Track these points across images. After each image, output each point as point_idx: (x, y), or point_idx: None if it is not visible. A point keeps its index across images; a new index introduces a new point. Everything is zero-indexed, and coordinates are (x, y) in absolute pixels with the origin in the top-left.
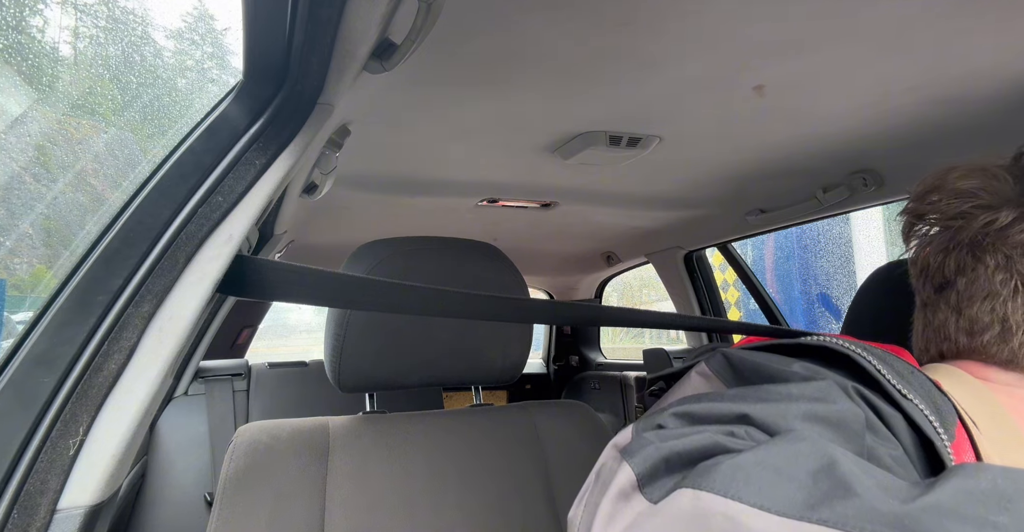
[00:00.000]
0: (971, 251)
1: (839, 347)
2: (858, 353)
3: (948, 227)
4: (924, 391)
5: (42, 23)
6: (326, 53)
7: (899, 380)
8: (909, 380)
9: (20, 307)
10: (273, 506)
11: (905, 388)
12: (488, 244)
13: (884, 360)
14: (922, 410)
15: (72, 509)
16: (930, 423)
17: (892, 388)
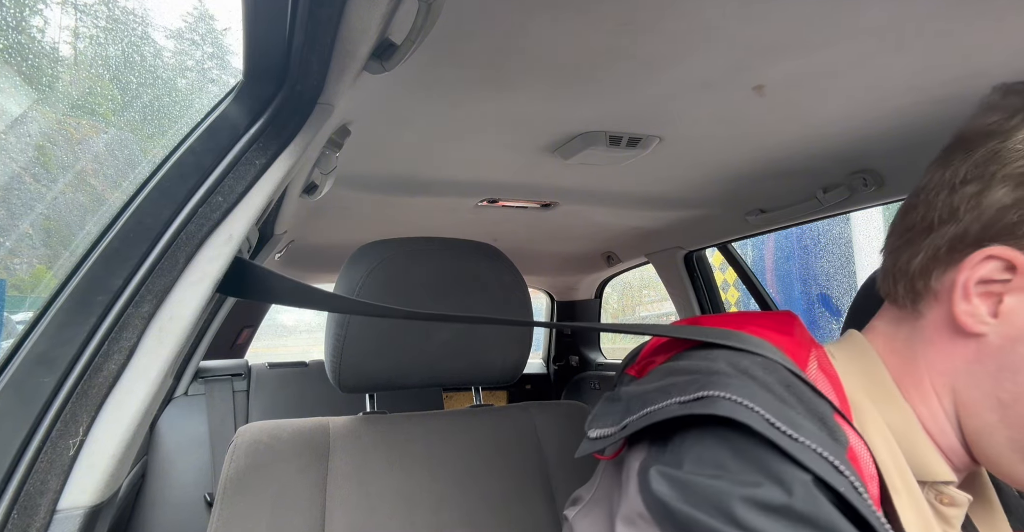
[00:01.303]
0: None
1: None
2: (743, 410)
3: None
4: (808, 409)
5: (42, 23)
6: (326, 53)
7: (787, 423)
8: (795, 406)
9: (20, 307)
10: (273, 506)
11: (795, 431)
12: (488, 244)
13: (769, 388)
14: (821, 454)
15: (72, 509)
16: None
17: (785, 444)
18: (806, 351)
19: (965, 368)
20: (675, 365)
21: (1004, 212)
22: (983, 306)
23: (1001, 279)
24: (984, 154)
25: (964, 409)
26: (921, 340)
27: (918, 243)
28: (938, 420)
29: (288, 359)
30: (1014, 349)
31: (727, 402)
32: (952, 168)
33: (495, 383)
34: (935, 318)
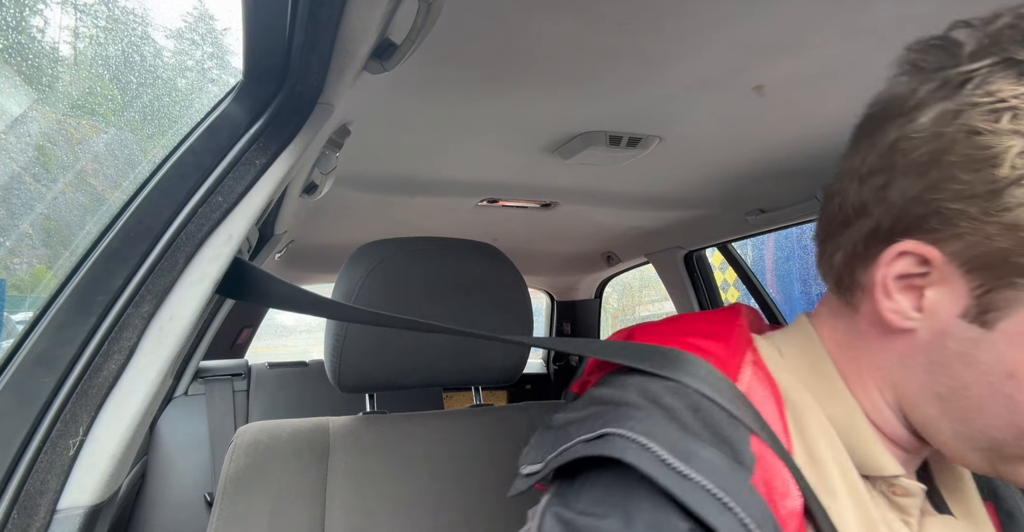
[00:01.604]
0: None
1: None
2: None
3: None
4: (715, 433)
5: (42, 23)
6: (326, 53)
7: (684, 457)
8: (700, 433)
9: (20, 307)
10: (273, 506)
11: (689, 465)
12: (488, 244)
13: (675, 416)
14: (710, 491)
15: (72, 509)
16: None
17: (674, 486)
18: (739, 357)
19: (900, 363)
20: (597, 393)
21: (911, 205)
22: (906, 301)
23: (919, 273)
24: (886, 141)
25: (906, 403)
26: (857, 333)
27: (838, 237)
28: (883, 413)
29: (288, 359)
30: (943, 343)
31: (622, 441)
32: (860, 155)
33: (495, 383)
34: (867, 313)
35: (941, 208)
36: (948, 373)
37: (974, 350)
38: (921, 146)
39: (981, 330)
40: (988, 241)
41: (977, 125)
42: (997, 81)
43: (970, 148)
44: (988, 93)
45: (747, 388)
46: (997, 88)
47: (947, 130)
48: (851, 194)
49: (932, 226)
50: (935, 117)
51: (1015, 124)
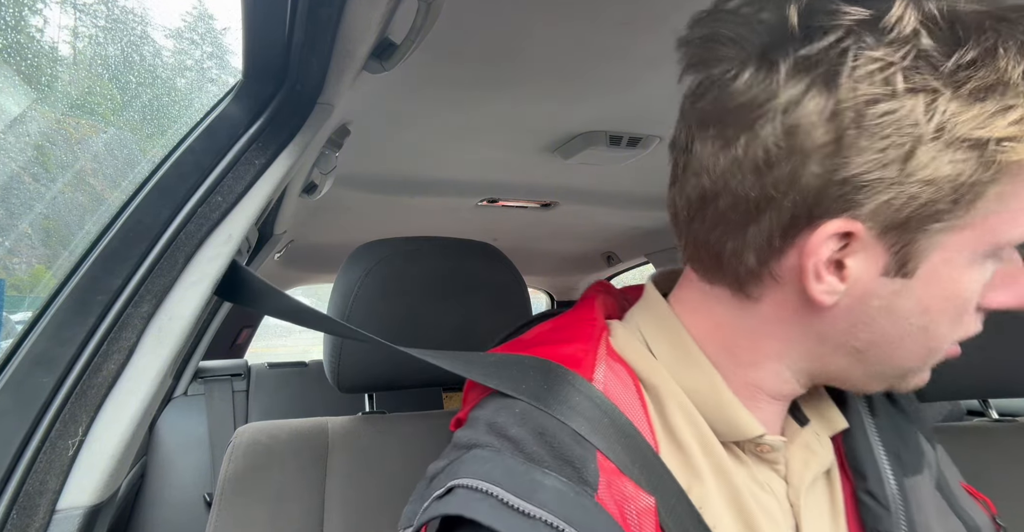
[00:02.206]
0: (679, 119)
1: (452, 511)
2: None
3: (691, 79)
4: (559, 456)
5: (41, 23)
6: (326, 53)
7: (526, 492)
8: (543, 460)
9: (19, 307)
10: (272, 507)
11: (531, 501)
12: (488, 244)
13: (520, 447)
14: (552, 525)
15: (71, 510)
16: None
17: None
18: (592, 356)
19: (816, 335)
20: (456, 437)
21: (829, 186)
22: (833, 278)
23: (840, 247)
24: (777, 129)
25: (816, 361)
26: (759, 319)
27: (740, 236)
28: (781, 378)
29: (288, 359)
30: (866, 303)
31: (466, 492)
32: (740, 147)
33: None
34: (779, 299)
35: (860, 181)
36: (869, 328)
37: (896, 300)
38: (822, 126)
39: (903, 281)
40: (910, 200)
41: (874, 93)
42: (869, 47)
43: (875, 118)
44: (871, 59)
45: (604, 386)
46: (874, 53)
47: (846, 105)
48: (747, 189)
49: (853, 200)
50: (827, 96)
51: (908, 83)
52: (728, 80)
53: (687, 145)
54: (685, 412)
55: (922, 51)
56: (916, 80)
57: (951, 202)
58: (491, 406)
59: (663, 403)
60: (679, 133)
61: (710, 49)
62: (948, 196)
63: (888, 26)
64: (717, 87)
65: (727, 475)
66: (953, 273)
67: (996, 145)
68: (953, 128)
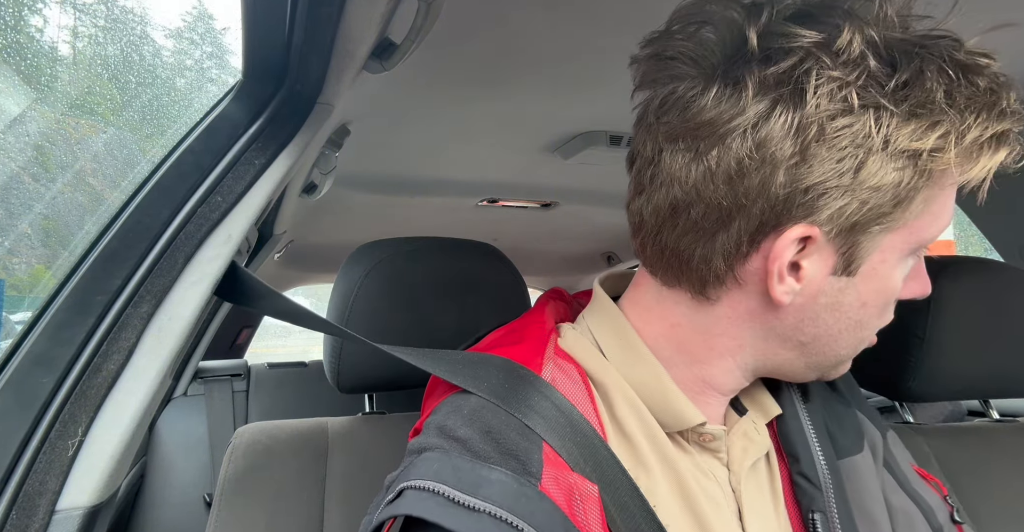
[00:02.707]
0: (644, 132)
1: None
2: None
3: (652, 94)
4: (504, 450)
5: (41, 23)
6: (326, 53)
7: (471, 487)
8: (489, 455)
9: (19, 307)
10: (272, 507)
11: (476, 495)
12: (488, 244)
13: (467, 446)
14: (497, 516)
15: (71, 510)
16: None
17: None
18: (539, 356)
19: (767, 329)
20: (412, 445)
21: (795, 194)
22: (791, 279)
23: (798, 250)
24: (745, 143)
25: (763, 356)
26: (715, 319)
27: (710, 242)
28: (730, 375)
29: (287, 359)
30: (816, 299)
31: (412, 493)
32: (712, 159)
33: None
34: (737, 299)
35: (821, 189)
36: (815, 323)
37: (840, 297)
38: (789, 139)
39: (847, 279)
40: (860, 206)
41: (834, 109)
42: (828, 67)
43: (835, 131)
44: (831, 78)
45: (554, 384)
46: (833, 73)
47: (811, 120)
48: (720, 198)
49: (814, 207)
50: (794, 111)
51: (861, 100)
52: (694, 96)
53: (653, 157)
54: (632, 405)
55: (871, 72)
56: (867, 98)
57: (892, 206)
58: (442, 411)
59: (610, 397)
60: (643, 146)
61: (669, 67)
62: (890, 201)
63: (840, 48)
64: (682, 103)
65: (672, 463)
66: (887, 270)
67: (928, 155)
68: (896, 140)
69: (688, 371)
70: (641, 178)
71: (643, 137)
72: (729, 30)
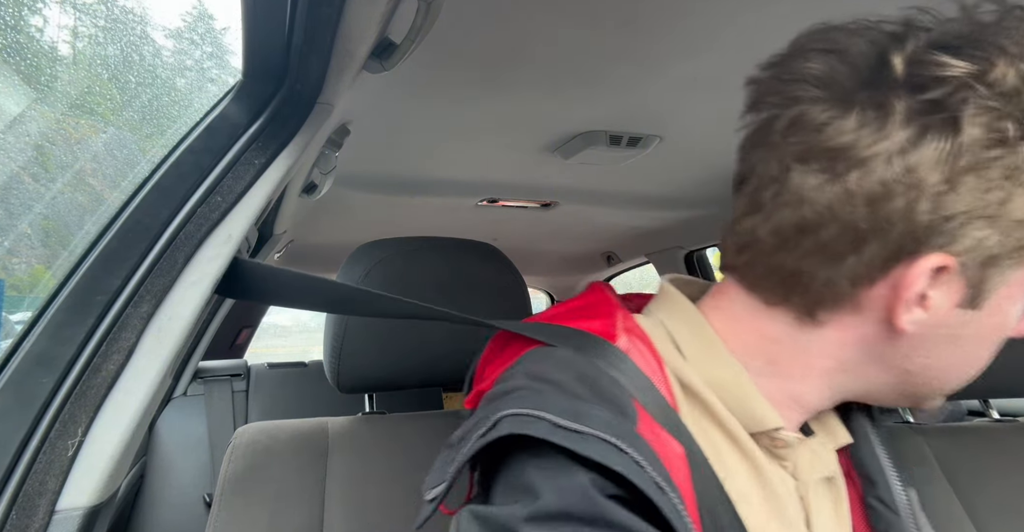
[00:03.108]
0: (767, 152)
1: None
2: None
3: (774, 115)
4: (599, 396)
5: (41, 22)
6: (325, 52)
7: (573, 416)
8: (586, 397)
9: (19, 307)
10: (272, 507)
11: (579, 422)
12: (488, 244)
13: (562, 388)
14: (604, 438)
15: (71, 510)
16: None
17: (569, 442)
18: (612, 328)
19: (875, 355)
20: (489, 394)
21: (939, 222)
22: (919, 309)
23: (930, 280)
24: (892, 167)
25: (861, 380)
26: (820, 340)
27: (837, 265)
28: (818, 395)
29: (287, 359)
30: (935, 331)
31: (511, 418)
32: (852, 182)
33: None
34: (849, 324)
35: (964, 219)
36: (928, 353)
37: (961, 330)
38: (940, 166)
39: (972, 312)
40: (1001, 239)
41: (989, 139)
42: (985, 97)
43: (987, 162)
44: (988, 109)
45: (627, 350)
46: (990, 103)
47: (964, 149)
48: (858, 220)
49: (953, 236)
50: (947, 139)
51: (1016, 131)
52: (830, 119)
53: (778, 176)
54: (706, 390)
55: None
56: (1022, 130)
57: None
58: (527, 361)
59: (687, 384)
60: (763, 165)
61: (794, 89)
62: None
63: (995, 81)
64: (815, 124)
65: (749, 453)
66: (1009, 305)
67: None
68: None
69: (774, 384)
70: (759, 197)
71: (764, 156)
72: (865, 56)
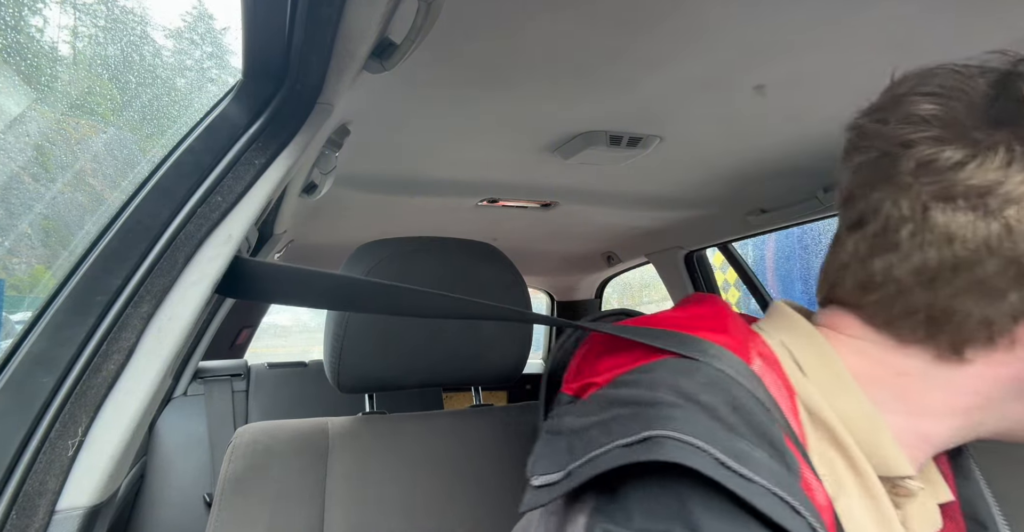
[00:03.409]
0: (895, 193)
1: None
2: (691, 452)
3: (887, 154)
4: (758, 433)
5: (41, 23)
6: (326, 53)
7: (739, 458)
8: (744, 434)
9: (19, 307)
10: (272, 507)
11: (747, 467)
12: (488, 244)
13: (716, 415)
14: (778, 494)
15: (71, 510)
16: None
17: (739, 488)
18: (746, 347)
19: (1020, 389)
20: (616, 394)
21: None
22: None
23: None
24: None
25: (1004, 416)
26: (963, 376)
27: (998, 301)
28: (954, 431)
29: (287, 359)
30: None
31: (673, 443)
32: (1012, 217)
33: (495, 383)
34: (1001, 361)
35: None
36: None
37: None
38: None
39: None
40: None
41: None
42: None
43: None
44: None
45: (760, 375)
46: None
47: None
48: (1019, 254)
49: None
50: None
51: None
52: (966, 157)
53: (914, 216)
54: (836, 424)
55: None
56: None
57: None
58: (662, 370)
59: (815, 413)
60: (892, 206)
61: (909, 130)
62: None
63: None
64: (951, 164)
65: (875, 495)
66: None
67: None
68: None
69: (905, 421)
70: (892, 237)
71: (890, 196)
72: (985, 95)
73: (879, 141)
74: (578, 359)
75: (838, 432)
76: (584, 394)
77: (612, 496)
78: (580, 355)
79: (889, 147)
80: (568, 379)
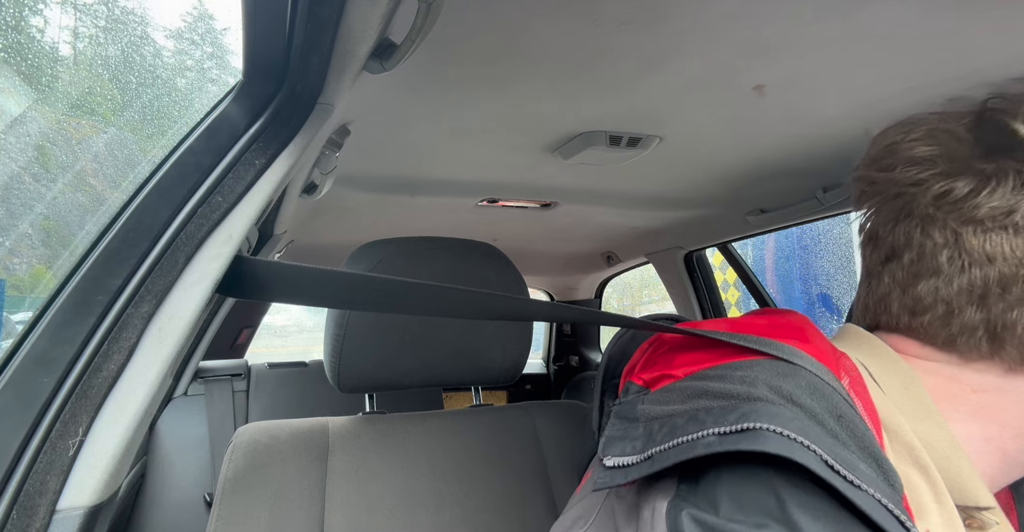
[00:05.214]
0: (921, 224)
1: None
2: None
3: (901, 194)
4: (861, 446)
5: (42, 23)
6: (326, 53)
7: (846, 465)
8: (848, 444)
9: (19, 307)
10: (273, 507)
11: (855, 475)
12: (488, 244)
13: (820, 420)
14: (887, 506)
15: (71, 510)
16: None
17: (847, 492)
18: (835, 362)
19: None
20: (704, 386)
21: None
22: None
23: None
24: None
25: None
26: (1019, 387)
27: None
28: (1017, 458)
29: (287, 359)
30: None
31: (777, 437)
32: None
33: (495, 383)
34: None
35: None
36: None
37: None
38: None
39: None
40: None
41: None
42: None
43: None
44: None
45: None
46: None
47: None
48: None
49: None
50: None
51: None
52: (978, 186)
53: (948, 242)
54: (920, 450)
55: None
56: None
57: None
58: (758, 369)
59: (896, 434)
60: (922, 235)
61: (913, 171)
62: None
63: None
64: (964, 194)
65: (955, 524)
66: None
67: None
68: None
69: (983, 436)
70: (931, 262)
71: (919, 228)
72: (978, 130)
73: (891, 186)
74: (648, 353)
75: (922, 456)
76: (655, 385)
77: (694, 484)
78: (649, 349)
79: (901, 189)
80: (636, 370)
